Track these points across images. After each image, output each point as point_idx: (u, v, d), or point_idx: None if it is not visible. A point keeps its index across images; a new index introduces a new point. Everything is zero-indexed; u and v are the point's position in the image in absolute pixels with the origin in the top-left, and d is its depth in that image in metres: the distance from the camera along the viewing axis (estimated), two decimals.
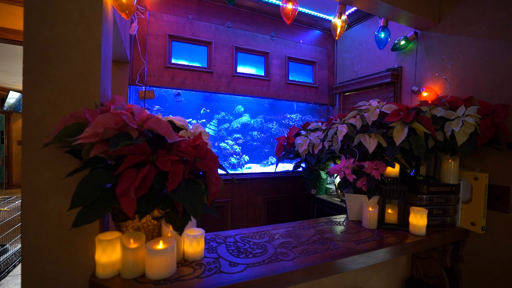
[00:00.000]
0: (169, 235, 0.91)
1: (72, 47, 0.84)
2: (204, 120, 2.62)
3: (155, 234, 0.93)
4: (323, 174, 2.35)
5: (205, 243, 1.09)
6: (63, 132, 0.72)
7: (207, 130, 2.63)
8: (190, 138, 0.90)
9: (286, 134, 2.38)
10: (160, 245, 0.85)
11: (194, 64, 2.30)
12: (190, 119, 2.53)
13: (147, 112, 0.86)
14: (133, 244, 0.83)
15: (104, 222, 0.94)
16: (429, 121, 1.29)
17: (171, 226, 0.82)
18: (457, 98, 1.52)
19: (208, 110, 2.64)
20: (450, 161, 1.40)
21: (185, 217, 0.80)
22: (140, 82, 2.08)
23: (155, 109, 2.34)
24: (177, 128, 1.02)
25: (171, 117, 1.03)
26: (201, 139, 0.90)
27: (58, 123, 0.75)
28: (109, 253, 0.81)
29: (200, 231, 0.97)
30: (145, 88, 2.11)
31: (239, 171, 2.58)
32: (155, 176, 0.73)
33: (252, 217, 2.42)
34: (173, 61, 2.22)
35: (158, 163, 0.75)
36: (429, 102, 1.58)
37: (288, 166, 2.77)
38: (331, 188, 2.43)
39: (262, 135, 2.86)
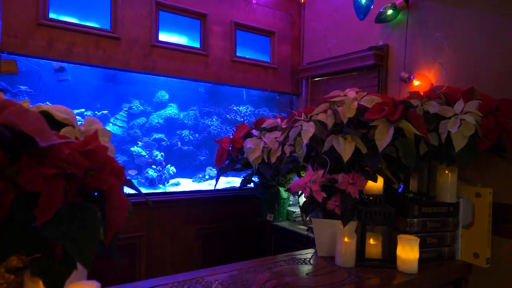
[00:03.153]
0: None
1: None
2: (106, 111, 2.50)
3: None
4: (284, 193, 2.40)
5: None
6: None
7: (110, 127, 2.51)
8: (80, 140, 0.85)
9: (232, 134, 2.39)
10: None
11: (88, 24, 2.18)
12: (83, 110, 2.39)
13: (3, 96, 0.78)
14: None
15: None
16: (421, 119, 1.38)
17: (41, 283, 0.75)
18: (455, 89, 1.63)
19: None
20: (446, 172, 1.53)
21: (66, 264, 0.75)
22: None
23: (23, 89, 2.16)
24: (57, 124, 0.96)
25: (47, 105, 0.97)
26: (97, 141, 0.85)
27: None
28: None
29: (93, 286, 0.92)
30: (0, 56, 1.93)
31: (161, 189, 2.52)
32: (15, 200, 0.67)
33: (179, 257, 2.38)
34: (52, 15, 2.07)
35: (21, 179, 0.69)
36: (421, 93, 1.69)
37: (234, 181, 2.78)
38: (294, 212, 2.50)
39: (197, 135, 2.83)
